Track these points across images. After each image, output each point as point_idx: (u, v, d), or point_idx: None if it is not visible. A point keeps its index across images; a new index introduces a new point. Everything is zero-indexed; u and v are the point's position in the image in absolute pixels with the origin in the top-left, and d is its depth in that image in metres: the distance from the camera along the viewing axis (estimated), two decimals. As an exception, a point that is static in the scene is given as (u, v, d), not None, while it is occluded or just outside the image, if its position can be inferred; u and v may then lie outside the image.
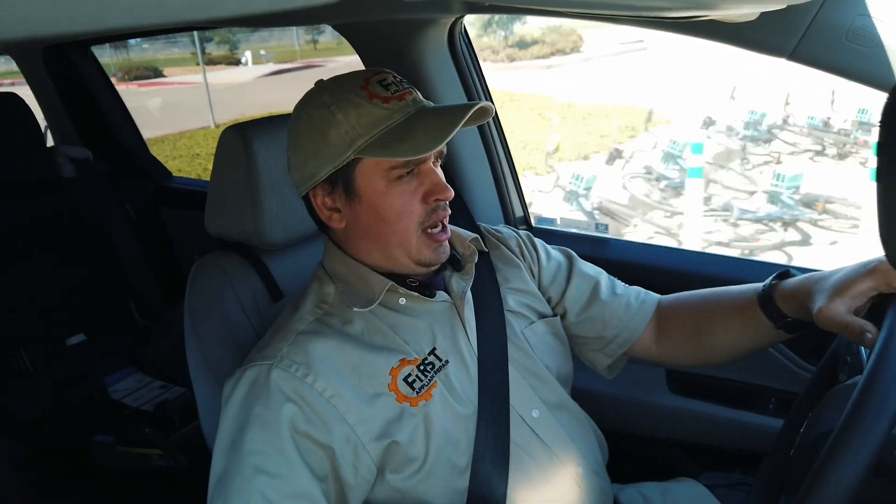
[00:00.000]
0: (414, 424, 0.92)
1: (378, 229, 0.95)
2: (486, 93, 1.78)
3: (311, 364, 0.90)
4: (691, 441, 1.51)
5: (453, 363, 0.98)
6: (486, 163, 1.78)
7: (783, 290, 1.02)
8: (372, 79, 0.93)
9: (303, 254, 1.25)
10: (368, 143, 0.90)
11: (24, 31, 0.32)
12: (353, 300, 0.96)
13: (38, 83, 2.55)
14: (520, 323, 1.09)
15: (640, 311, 1.15)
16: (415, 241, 0.95)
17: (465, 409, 0.96)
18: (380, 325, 0.97)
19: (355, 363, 0.92)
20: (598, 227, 1.72)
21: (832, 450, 0.68)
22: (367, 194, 0.93)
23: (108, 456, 1.88)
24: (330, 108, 0.91)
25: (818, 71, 1.00)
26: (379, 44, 1.64)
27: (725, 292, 1.12)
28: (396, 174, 0.92)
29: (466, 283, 1.04)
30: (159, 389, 2.09)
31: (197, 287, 1.17)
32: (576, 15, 0.98)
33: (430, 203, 0.94)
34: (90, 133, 2.58)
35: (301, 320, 0.96)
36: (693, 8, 0.74)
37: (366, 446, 0.89)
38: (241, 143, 1.12)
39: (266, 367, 0.89)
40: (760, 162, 6.98)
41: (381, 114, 0.91)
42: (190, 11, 0.34)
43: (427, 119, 0.91)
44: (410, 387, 0.93)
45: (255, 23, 1.49)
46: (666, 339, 1.16)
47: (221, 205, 1.19)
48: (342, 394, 0.89)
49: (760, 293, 1.04)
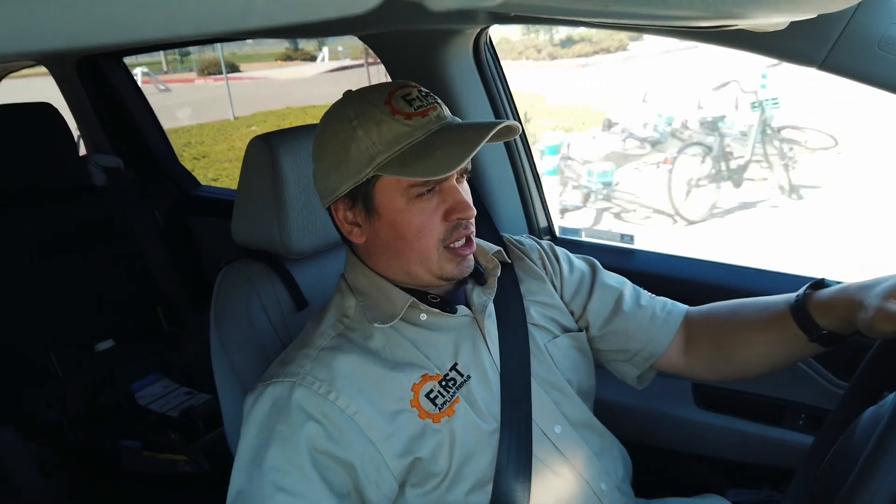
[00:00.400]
0: (437, 441, 0.91)
1: (397, 246, 0.94)
2: (510, 102, 1.78)
3: (333, 381, 0.89)
4: (717, 456, 1.48)
5: (475, 378, 0.97)
6: (511, 172, 1.78)
7: (818, 300, 0.98)
8: (396, 93, 0.92)
9: (327, 263, 1.26)
10: (388, 160, 0.89)
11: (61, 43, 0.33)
12: (374, 315, 0.96)
13: (72, 93, 2.61)
14: (543, 336, 1.07)
15: (666, 322, 1.12)
16: (435, 258, 0.94)
17: (487, 424, 0.95)
18: (401, 341, 0.96)
19: (377, 379, 0.92)
20: (623, 238, 1.70)
21: (865, 468, 0.66)
22: (387, 212, 0.93)
23: (135, 461, 1.90)
24: (352, 123, 0.91)
25: (849, 81, 0.98)
26: (404, 54, 1.65)
27: (756, 303, 1.08)
28: (416, 192, 0.91)
29: (488, 297, 1.03)
30: (185, 396, 2.11)
31: (223, 294, 1.18)
32: (601, 25, 0.98)
33: (452, 221, 0.93)
34: (121, 141, 2.63)
35: (323, 335, 0.96)
36: (721, 18, 0.73)
37: (388, 463, 0.89)
38: (267, 152, 1.13)
39: (289, 384, 0.89)
40: (645, 163, 7.24)
41: (402, 131, 0.89)
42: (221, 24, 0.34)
43: (448, 138, 0.89)
44: (433, 403, 0.93)
45: (284, 34, 1.51)
46: (693, 353, 1.12)
47: (248, 213, 1.20)
48: (364, 410, 0.89)
49: (794, 304, 1.00)
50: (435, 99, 0.94)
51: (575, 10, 0.59)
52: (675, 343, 1.12)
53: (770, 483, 1.37)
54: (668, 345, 1.12)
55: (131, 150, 2.63)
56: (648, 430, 1.51)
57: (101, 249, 2.24)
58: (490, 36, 1.70)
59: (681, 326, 1.13)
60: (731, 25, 0.83)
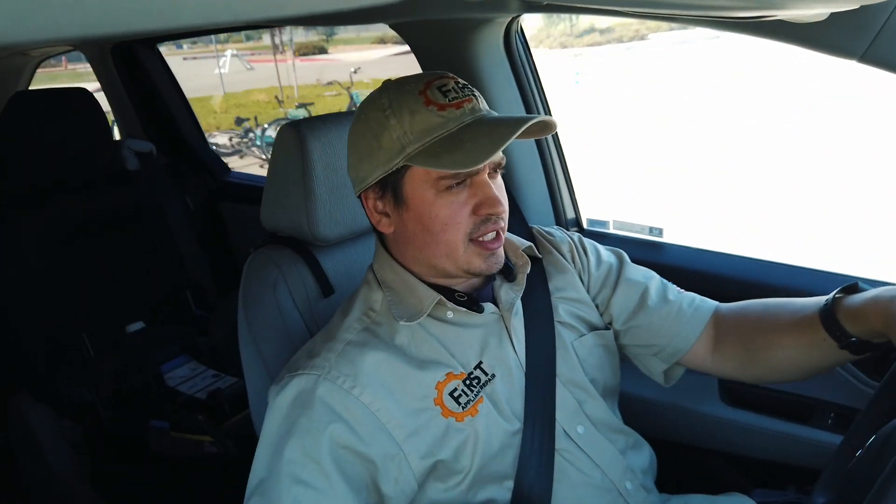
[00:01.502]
0: (460, 440, 0.91)
1: (423, 239, 0.93)
2: (541, 93, 1.77)
3: (358, 376, 0.89)
4: (743, 454, 1.46)
5: (500, 377, 0.97)
6: (539, 163, 1.77)
7: (849, 306, 0.93)
8: (433, 83, 0.91)
9: (354, 250, 1.26)
10: (418, 151, 0.88)
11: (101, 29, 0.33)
12: (400, 312, 0.95)
13: (107, 79, 2.65)
14: (570, 335, 1.06)
15: (693, 318, 1.09)
16: (461, 251, 0.92)
17: (511, 425, 0.95)
18: (426, 337, 0.96)
19: (401, 376, 0.92)
20: (651, 231, 1.68)
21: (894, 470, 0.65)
22: (415, 203, 0.92)
23: (162, 441, 1.94)
24: (385, 112, 0.90)
25: (891, 74, 0.96)
26: (435, 43, 1.65)
27: (787, 305, 1.04)
28: (445, 184, 0.89)
29: (516, 294, 1.02)
30: (212, 378, 2.15)
31: (251, 279, 1.19)
32: (636, 14, 0.96)
33: (481, 215, 0.91)
34: (154, 127, 2.67)
35: (349, 329, 0.95)
36: (761, 8, 0.71)
37: (409, 462, 0.89)
38: (296, 139, 1.14)
39: (313, 377, 0.89)
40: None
41: (434, 122, 0.88)
42: (258, 11, 0.35)
43: (480, 131, 0.87)
44: (456, 402, 0.92)
45: (319, 21, 1.51)
46: (721, 351, 1.09)
47: (276, 200, 1.21)
48: (388, 407, 0.89)
49: (823, 308, 0.96)
50: (472, 91, 0.92)
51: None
52: (703, 340, 1.10)
53: (796, 483, 1.35)
54: (695, 340, 1.09)
55: (164, 135, 2.67)
56: (674, 426, 1.50)
57: (132, 233, 2.28)
58: (521, 25, 1.68)
59: (710, 323, 1.10)
60: (771, 16, 0.81)
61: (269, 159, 2.52)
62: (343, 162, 1.17)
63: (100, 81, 2.72)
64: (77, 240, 2.15)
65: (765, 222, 5.36)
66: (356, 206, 1.20)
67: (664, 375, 1.14)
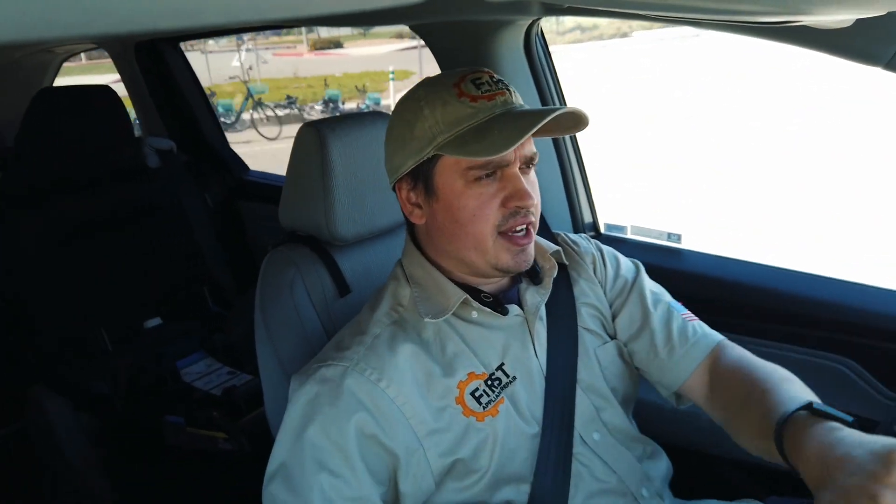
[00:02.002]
0: (479, 440, 0.92)
1: (452, 230, 0.94)
2: (560, 96, 1.76)
3: (385, 369, 0.90)
4: (758, 462, 1.45)
5: (520, 380, 0.97)
6: (557, 166, 1.76)
7: (793, 436, 0.79)
8: (467, 77, 0.92)
9: (371, 250, 1.27)
10: (448, 140, 0.90)
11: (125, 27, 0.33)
12: (426, 309, 0.96)
13: (130, 76, 2.68)
14: (593, 342, 1.06)
15: (686, 358, 1.04)
16: (490, 244, 0.92)
17: (530, 428, 0.95)
18: (451, 335, 0.96)
19: (427, 372, 0.93)
20: (670, 237, 1.67)
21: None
22: (444, 193, 0.93)
23: (178, 436, 1.95)
24: (420, 103, 0.92)
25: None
26: (455, 45, 1.65)
27: (765, 397, 0.89)
28: (475, 175, 0.90)
29: (542, 297, 1.02)
30: (227, 375, 2.16)
31: (268, 277, 1.20)
32: (659, 18, 0.96)
33: (510, 208, 0.91)
34: (175, 125, 2.70)
35: (378, 323, 0.96)
36: (787, 13, 0.71)
37: (428, 458, 0.90)
38: (316, 138, 1.15)
39: (342, 368, 0.90)
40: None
41: (465, 112, 0.90)
42: (281, 11, 0.35)
43: (508, 121, 0.88)
44: (477, 402, 0.93)
45: (341, 22, 1.52)
46: (713, 401, 1.03)
47: (295, 199, 1.22)
48: (412, 402, 0.90)
49: (777, 424, 0.81)
50: (506, 86, 0.93)
51: (635, 2, 0.58)
52: (698, 381, 1.04)
53: (810, 492, 1.33)
54: (685, 380, 1.05)
55: (185, 133, 2.69)
56: (689, 433, 1.49)
57: (152, 230, 2.30)
58: (542, 28, 1.68)
59: (706, 366, 1.04)
60: (795, 22, 0.80)
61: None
62: (362, 162, 1.18)
63: (122, 79, 2.75)
64: (97, 235, 2.17)
65: (769, 224, 5.31)
66: (374, 206, 1.20)
67: (675, 399, 1.11)
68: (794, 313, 1.43)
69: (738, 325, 1.17)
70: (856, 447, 0.70)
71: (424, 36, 1.69)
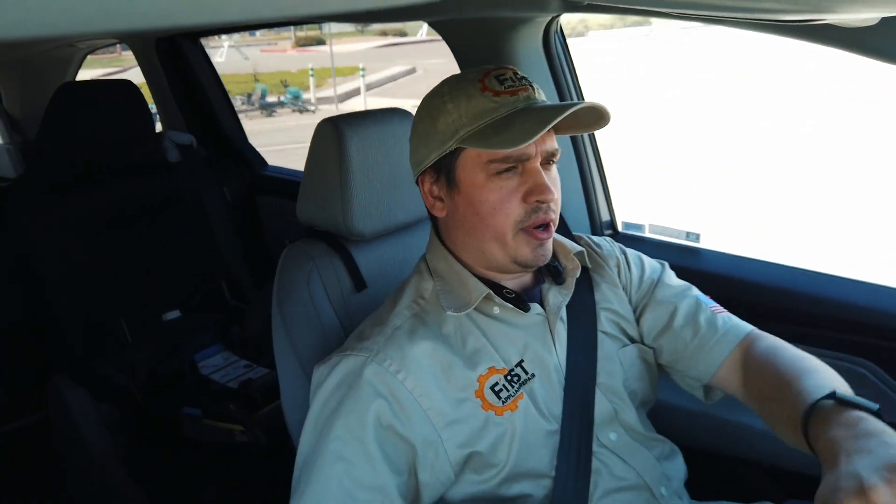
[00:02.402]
0: (497, 434, 0.92)
1: (473, 223, 0.95)
2: (578, 94, 1.75)
3: (404, 361, 0.91)
4: (777, 465, 1.43)
5: (539, 378, 0.97)
6: (575, 164, 1.75)
7: (816, 426, 0.79)
8: (491, 73, 0.94)
9: (388, 247, 1.27)
10: (470, 133, 0.91)
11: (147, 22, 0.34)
12: (449, 302, 0.96)
13: (151, 71, 2.71)
14: (613, 345, 1.05)
15: (717, 347, 1.04)
16: (510, 238, 0.93)
17: (549, 425, 0.95)
18: (472, 329, 0.97)
19: (446, 365, 0.93)
20: (689, 236, 1.65)
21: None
22: (466, 186, 0.94)
23: (195, 428, 1.97)
24: (444, 98, 0.94)
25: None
26: (473, 42, 1.64)
27: (794, 384, 0.89)
28: (496, 168, 0.91)
29: (564, 297, 1.02)
30: (244, 368, 2.18)
31: (286, 271, 1.21)
32: (680, 16, 0.95)
33: (531, 203, 0.92)
34: (195, 120, 2.72)
35: (399, 315, 0.97)
36: (811, 11, 0.70)
37: (447, 449, 0.90)
38: (334, 134, 1.15)
39: (361, 359, 0.91)
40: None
41: (488, 106, 0.91)
42: (300, 7, 0.35)
43: (529, 115, 0.89)
44: (497, 396, 0.93)
45: (359, 18, 1.52)
46: (748, 389, 1.01)
47: (313, 194, 1.22)
48: (430, 394, 0.91)
49: (803, 413, 0.81)
50: (529, 82, 0.95)
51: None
52: (732, 370, 1.03)
53: (831, 498, 1.32)
54: (715, 370, 1.04)
55: (204, 128, 2.71)
56: (708, 435, 1.48)
57: (171, 223, 2.33)
58: (561, 25, 1.67)
59: (739, 354, 1.03)
60: (819, 20, 0.79)
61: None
62: (380, 158, 1.18)
63: (143, 73, 2.77)
64: (117, 228, 2.20)
65: (778, 224, 5.24)
66: (391, 203, 1.21)
67: (703, 393, 1.11)
68: (812, 314, 1.42)
69: (755, 325, 1.16)
70: (880, 446, 0.70)
71: (443, 33, 1.68)
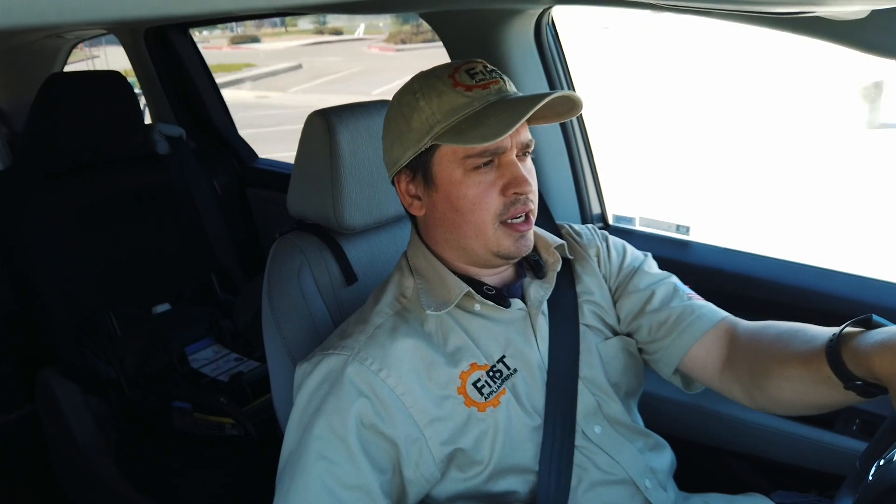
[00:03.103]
0: (480, 430, 0.92)
1: (452, 219, 0.95)
2: (570, 87, 1.75)
3: (385, 359, 0.91)
4: (764, 457, 1.45)
5: (521, 373, 0.97)
6: (566, 157, 1.75)
7: (855, 346, 0.81)
8: (461, 68, 0.93)
9: (378, 240, 1.27)
10: (445, 129, 0.90)
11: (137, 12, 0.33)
12: (429, 301, 0.96)
13: (140, 63, 2.68)
14: (595, 338, 1.06)
15: (691, 328, 1.03)
16: (491, 232, 0.93)
17: (532, 420, 0.96)
18: (454, 326, 0.97)
19: (428, 363, 0.93)
20: (679, 229, 1.66)
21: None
22: (443, 183, 0.93)
23: (186, 421, 1.97)
24: (416, 95, 0.93)
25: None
26: (465, 34, 1.64)
27: (800, 333, 0.93)
28: (473, 163, 0.91)
29: (546, 291, 1.02)
30: (235, 362, 2.17)
31: (276, 265, 1.21)
32: (672, 8, 0.95)
33: (509, 196, 0.92)
34: (184, 112, 2.70)
35: (380, 313, 0.97)
36: (799, 4, 0.70)
37: (430, 447, 0.91)
38: (324, 127, 1.15)
39: (343, 358, 0.91)
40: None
41: (460, 101, 0.90)
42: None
43: (503, 108, 0.89)
44: (479, 392, 0.94)
45: (351, 9, 1.52)
46: (730, 372, 1.01)
47: (303, 186, 1.22)
48: (412, 391, 0.91)
49: (828, 343, 0.85)
50: (499, 75, 0.95)
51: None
52: (709, 355, 1.03)
53: (818, 488, 1.33)
54: (688, 351, 1.03)
55: (194, 120, 2.69)
56: (696, 427, 1.49)
57: (161, 216, 2.31)
58: (553, 18, 1.67)
59: (719, 340, 1.03)
60: (808, 12, 0.80)
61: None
62: (370, 151, 1.18)
63: (132, 65, 2.75)
64: (106, 220, 2.18)
65: (769, 219, 5.26)
66: (382, 196, 1.20)
67: (682, 382, 1.11)
68: (803, 308, 1.43)
69: (745, 317, 1.17)
70: None
71: (434, 25, 1.68)
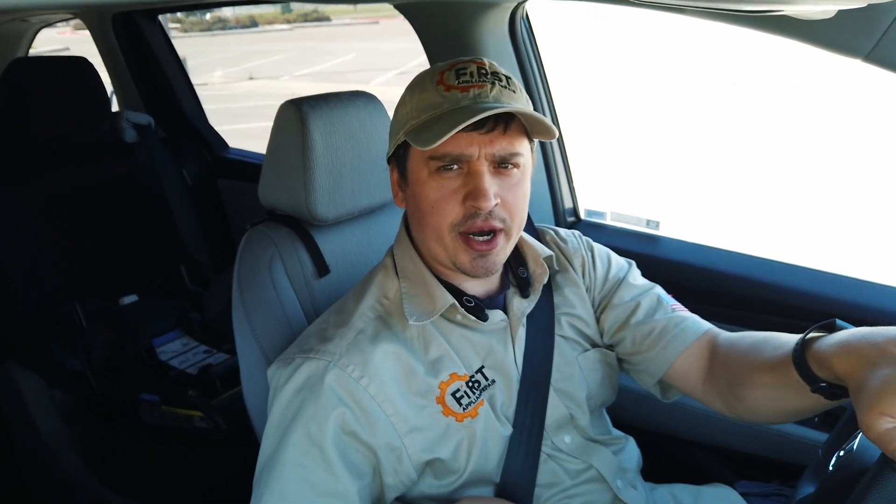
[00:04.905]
0: (458, 440, 0.93)
1: (417, 218, 0.94)
2: (543, 80, 1.76)
3: (367, 366, 0.90)
4: (728, 447, 1.48)
5: (499, 383, 0.97)
6: (539, 151, 1.76)
7: (817, 349, 0.79)
8: (455, 66, 0.91)
9: (351, 231, 1.26)
10: (413, 126, 0.90)
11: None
12: (412, 310, 0.95)
13: (107, 49, 2.63)
14: (573, 350, 1.06)
15: (675, 341, 1.03)
16: (448, 240, 0.90)
17: (505, 430, 0.96)
18: (435, 335, 0.96)
19: (408, 371, 0.93)
20: (648, 224, 1.68)
21: (881, 467, 0.66)
22: (413, 181, 0.93)
23: (153, 414, 1.94)
24: (409, 88, 0.93)
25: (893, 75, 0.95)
26: (439, 27, 1.63)
27: (771, 340, 0.93)
28: (435, 165, 0.88)
29: (529, 304, 1.01)
30: (203, 354, 2.15)
31: (247, 256, 1.19)
32: (644, 4, 0.96)
33: (467, 207, 0.88)
34: (153, 100, 2.65)
35: (362, 317, 0.95)
36: (769, 3, 0.71)
37: (410, 455, 0.90)
38: (297, 117, 1.13)
39: (324, 363, 0.90)
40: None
41: (435, 100, 0.89)
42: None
43: (459, 114, 0.85)
44: (458, 402, 0.94)
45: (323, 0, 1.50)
46: (712, 384, 1.00)
47: (275, 177, 1.21)
48: (392, 400, 0.90)
49: (794, 348, 0.83)
50: (496, 79, 0.89)
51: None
52: (692, 367, 1.02)
53: (780, 477, 1.37)
54: (671, 364, 1.03)
55: (163, 108, 2.65)
56: (661, 418, 1.51)
57: (128, 205, 2.27)
58: (527, 11, 1.67)
59: (701, 352, 1.02)
60: (777, 11, 0.81)
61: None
62: (343, 142, 1.17)
63: (99, 51, 2.69)
64: (72, 210, 2.14)
65: (747, 216, 5.33)
66: (354, 187, 1.20)
67: (660, 391, 1.11)
68: (768, 301, 1.46)
69: (714, 312, 1.18)
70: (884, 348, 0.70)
71: (409, 16, 1.67)
